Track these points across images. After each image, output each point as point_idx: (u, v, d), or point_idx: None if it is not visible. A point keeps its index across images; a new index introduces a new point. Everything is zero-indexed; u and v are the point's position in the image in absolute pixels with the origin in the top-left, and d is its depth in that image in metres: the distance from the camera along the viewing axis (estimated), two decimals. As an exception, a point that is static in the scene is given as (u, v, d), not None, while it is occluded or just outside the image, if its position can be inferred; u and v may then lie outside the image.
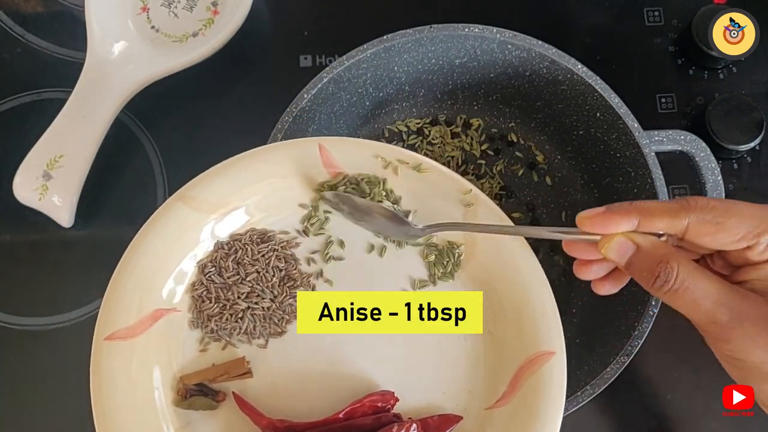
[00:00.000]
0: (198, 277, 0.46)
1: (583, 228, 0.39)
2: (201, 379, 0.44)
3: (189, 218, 0.45)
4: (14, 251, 0.60)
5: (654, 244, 0.37)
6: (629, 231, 0.38)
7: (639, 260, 0.37)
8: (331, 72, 0.53)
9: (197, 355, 0.45)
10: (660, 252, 0.37)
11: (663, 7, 0.67)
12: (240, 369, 0.44)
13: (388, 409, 0.43)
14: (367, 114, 0.60)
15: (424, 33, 0.53)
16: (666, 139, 0.53)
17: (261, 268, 0.46)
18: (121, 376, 0.43)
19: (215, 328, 0.45)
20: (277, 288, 0.46)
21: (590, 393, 0.49)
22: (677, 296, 0.36)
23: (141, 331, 0.44)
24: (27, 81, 0.63)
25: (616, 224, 0.38)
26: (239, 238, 0.46)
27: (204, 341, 0.45)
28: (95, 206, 0.60)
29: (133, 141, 0.62)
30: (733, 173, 0.62)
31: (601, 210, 0.38)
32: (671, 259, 0.36)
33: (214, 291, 0.45)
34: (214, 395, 0.44)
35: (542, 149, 0.62)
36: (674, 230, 0.37)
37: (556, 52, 0.54)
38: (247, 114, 0.63)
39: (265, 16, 0.66)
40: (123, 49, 0.60)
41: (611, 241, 0.38)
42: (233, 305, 0.45)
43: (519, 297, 0.44)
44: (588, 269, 0.41)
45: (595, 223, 0.38)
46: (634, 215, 0.37)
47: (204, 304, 0.45)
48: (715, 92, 0.64)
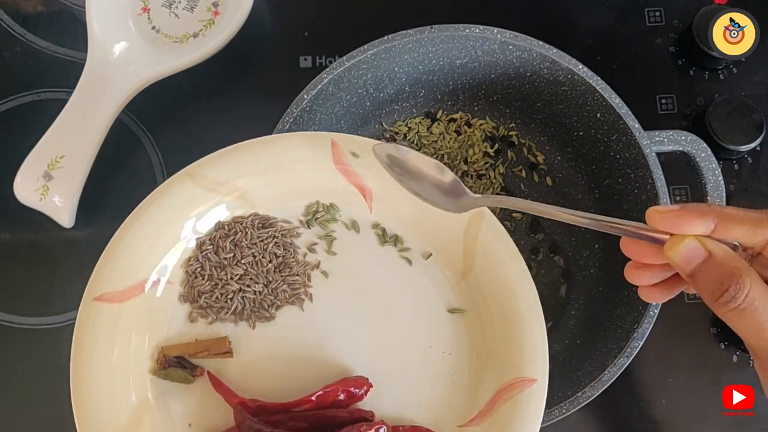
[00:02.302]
0: (195, 253, 0.46)
1: (653, 224, 0.35)
2: (182, 353, 0.44)
3: (194, 194, 0.45)
4: (15, 251, 0.60)
5: (728, 254, 0.34)
6: (702, 235, 0.34)
7: (708, 270, 0.34)
8: (332, 73, 0.53)
9: (182, 329, 0.46)
10: (732, 264, 0.33)
11: (664, 8, 0.66)
12: (221, 348, 0.44)
13: (361, 395, 0.43)
14: (367, 114, 0.60)
15: (425, 33, 0.53)
16: (667, 139, 0.53)
17: (258, 252, 0.46)
18: (104, 338, 0.43)
19: (204, 305, 0.45)
20: (272, 274, 0.46)
21: (589, 395, 0.49)
22: (743, 316, 0.33)
23: (130, 297, 0.44)
24: (27, 81, 0.63)
25: (691, 224, 0.34)
26: (241, 221, 0.47)
27: (191, 316, 0.46)
28: (96, 207, 0.60)
29: (133, 141, 0.62)
30: (733, 174, 0.62)
31: (675, 207, 0.35)
32: (744, 275, 0.32)
33: (209, 269, 0.46)
34: (192, 369, 0.44)
35: (543, 150, 0.62)
36: (752, 242, 0.34)
37: (557, 52, 0.54)
38: (247, 114, 0.63)
39: (266, 17, 0.66)
40: (123, 49, 0.60)
41: (680, 243, 0.34)
42: (225, 285, 0.46)
43: (511, 321, 0.44)
44: (642, 273, 0.38)
45: (667, 219, 0.35)
46: (712, 218, 0.34)
47: (197, 280, 0.46)
48: (716, 93, 0.64)
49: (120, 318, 0.44)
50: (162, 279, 0.45)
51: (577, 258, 0.59)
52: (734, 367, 0.58)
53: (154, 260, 0.45)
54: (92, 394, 0.42)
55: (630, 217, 0.54)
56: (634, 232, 0.36)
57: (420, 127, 0.62)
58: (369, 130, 0.61)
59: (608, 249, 0.58)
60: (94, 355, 0.43)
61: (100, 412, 0.42)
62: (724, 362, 0.58)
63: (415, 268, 0.47)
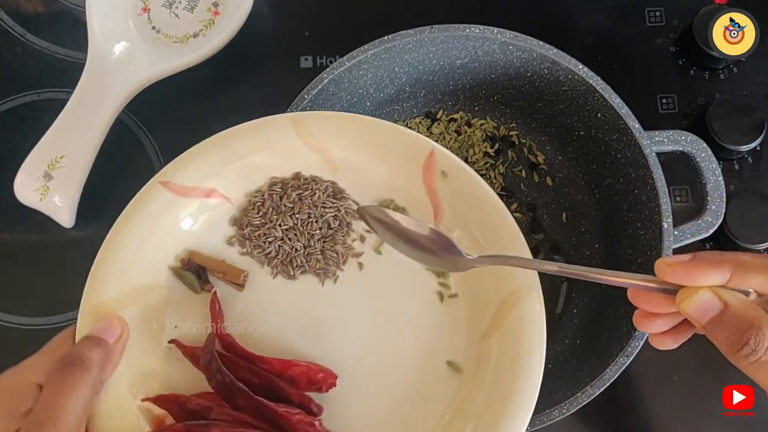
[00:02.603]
0: (264, 186, 0.47)
1: (664, 277, 0.34)
2: (204, 264, 0.45)
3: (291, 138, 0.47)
4: (15, 251, 0.60)
5: (745, 304, 0.32)
6: (717, 285, 0.33)
7: (725, 322, 0.32)
8: (332, 73, 0.53)
9: (216, 246, 0.47)
10: (750, 315, 0.32)
11: (664, 8, 0.66)
12: (237, 277, 0.45)
13: (320, 387, 0.42)
14: (368, 115, 0.60)
15: (425, 34, 0.53)
16: (667, 139, 0.53)
17: (314, 215, 0.47)
18: (149, 219, 0.45)
19: (246, 235, 0.47)
20: (315, 240, 0.47)
21: (590, 393, 0.49)
22: (764, 369, 0.32)
23: (192, 195, 0.46)
24: (28, 81, 0.63)
25: (705, 276, 0.33)
26: (317, 181, 0.48)
27: (230, 240, 0.47)
28: (96, 206, 0.60)
29: (133, 141, 0.62)
30: (734, 174, 0.62)
31: (686, 258, 0.33)
32: (764, 325, 0.31)
33: (267, 207, 0.47)
34: (204, 282, 0.45)
35: (543, 150, 0.62)
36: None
37: (557, 52, 0.54)
38: (247, 115, 0.62)
39: (266, 17, 0.66)
40: (124, 49, 0.60)
41: (694, 295, 0.33)
42: (272, 228, 0.47)
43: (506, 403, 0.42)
44: (652, 322, 0.36)
45: (678, 272, 0.33)
46: (727, 267, 0.32)
47: (252, 211, 0.47)
48: (716, 93, 0.64)
49: (173, 208, 0.45)
50: (225, 194, 0.47)
51: (578, 258, 0.59)
52: (734, 367, 0.57)
53: (223, 177, 0.47)
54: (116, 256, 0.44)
55: (629, 217, 0.55)
56: (643, 285, 0.35)
57: (420, 128, 0.62)
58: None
59: (609, 249, 0.58)
60: (136, 224, 0.44)
61: (113, 270, 0.43)
62: (724, 362, 0.57)
63: (443, 306, 0.46)
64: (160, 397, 0.42)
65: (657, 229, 0.51)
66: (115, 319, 0.42)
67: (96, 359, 0.39)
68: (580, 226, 0.60)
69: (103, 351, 0.40)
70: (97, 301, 0.43)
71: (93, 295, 0.43)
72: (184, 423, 0.41)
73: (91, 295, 0.43)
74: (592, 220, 0.60)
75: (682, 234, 0.52)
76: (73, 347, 0.40)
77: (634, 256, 0.54)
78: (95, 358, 0.39)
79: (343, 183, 0.48)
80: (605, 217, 0.59)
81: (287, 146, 0.46)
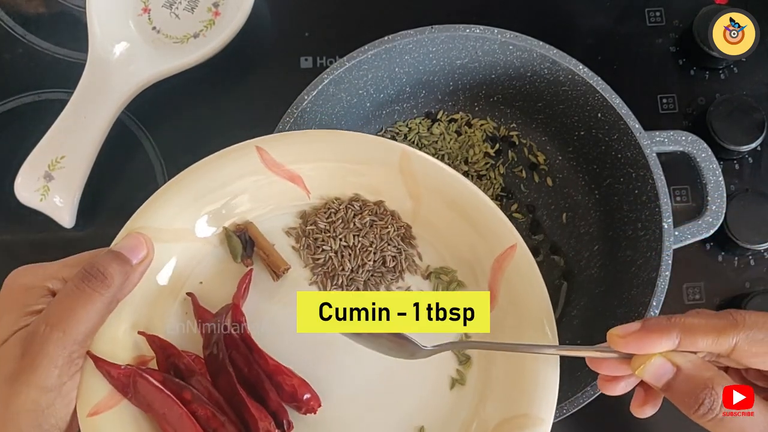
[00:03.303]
0: (345, 198, 0.47)
1: (616, 347, 0.35)
2: (255, 238, 0.45)
3: None
4: (16, 252, 0.60)
5: (696, 366, 0.34)
6: (667, 351, 0.35)
7: (679, 384, 0.34)
8: (332, 73, 0.53)
9: (273, 230, 0.47)
10: (704, 375, 0.33)
11: (664, 8, 0.66)
12: (278, 267, 0.45)
13: (300, 406, 0.42)
14: (368, 115, 0.60)
15: (425, 34, 0.53)
16: (667, 139, 0.53)
17: (377, 246, 0.47)
18: (232, 172, 0.44)
19: (306, 233, 0.46)
20: (364, 270, 0.46)
21: (590, 394, 0.49)
22: (722, 426, 0.33)
23: (276, 172, 0.45)
24: (28, 82, 0.63)
25: (654, 344, 0.34)
26: (396, 218, 0.47)
27: (289, 231, 0.47)
28: (96, 207, 0.60)
29: (134, 142, 0.62)
30: (734, 174, 0.62)
31: (635, 327, 0.35)
32: (716, 384, 0.33)
33: (338, 217, 0.47)
34: (248, 255, 0.45)
35: (543, 150, 0.62)
36: (719, 350, 0.34)
37: (558, 52, 0.54)
38: (247, 115, 0.63)
39: (266, 18, 0.66)
40: (124, 49, 0.60)
41: (647, 363, 0.34)
42: (331, 237, 0.46)
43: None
44: (615, 385, 0.38)
45: (630, 343, 0.35)
46: (675, 333, 0.34)
47: (323, 213, 0.47)
48: (717, 93, 0.64)
49: (254, 175, 0.45)
50: (304, 182, 0.46)
51: (578, 259, 0.59)
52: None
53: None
54: (183, 190, 0.43)
55: (630, 218, 0.55)
56: (599, 357, 0.37)
57: (420, 128, 0.62)
58: (369, 130, 0.61)
59: (608, 250, 0.58)
60: (217, 169, 0.44)
61: (172, 202, 0.43)
62: (724, 362, 0.58)
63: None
64: (156, 338, 0.42)
65: (657, 230, 0.51)
66: (143, 239, 0.41)
67: (117, 276, 0.38)
68: (580, 227, 0.60)
69: (124, 270, 0.39)
70: (142, 224, 0.42)
71: (141, 218, 0.42)
72: (163, 373, 0.40)
73: (140, 216, 0.42)
74: (592, 220, 0.60)
75: (683, 234, 0.52)
76: (96, 259, 0.39)
77: (634, 257, 0.54)
78: (116, 275, 0.38)
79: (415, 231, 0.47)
80: (605, 217, 0.59)
81: (387, 174, 0.46)
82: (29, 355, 0.36)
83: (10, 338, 0.37)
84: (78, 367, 0.38)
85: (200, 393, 0.40)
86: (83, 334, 0.37)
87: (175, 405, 0.38)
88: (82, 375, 0.39)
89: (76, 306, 0.37)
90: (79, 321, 0.37)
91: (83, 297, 0.37)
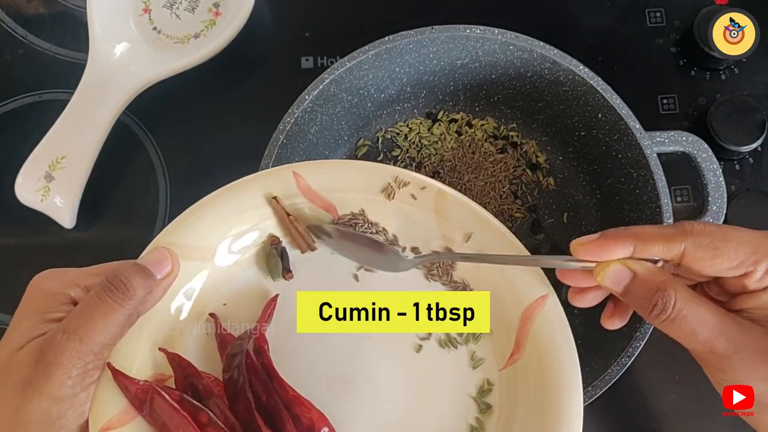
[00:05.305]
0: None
1: (577, 255, 0.38)
2: (293, 212, 0.44)
3: None
4: (16, 252, 0.60)
5: (651, 271, 0.36)
6: (625, 258, 0.37)
7: (636, 288, 0.36)
8: (333, 73, 0.53)
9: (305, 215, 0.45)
10: (657, 279, 0.36)
11: (665, 8, 0.66)
12: (303, 245, 0.44)
13: None
14: (368, 115, 0.60)
15: (426, 34, 0.53)
16: (668, 140, 0.53)
17: None
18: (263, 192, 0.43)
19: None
20: None
21: (591, 394, 0.49)
22: (675, 325, 0.35)
23: (313, 202, 0.44)
24: (29, 82, 0.64)
25: (611, 251, 0.37)
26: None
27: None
28: (97, 207, 0.60)
29: (134, 142, 0.62)
30: (735, 174, 0.62)
31: (595, 237, 0.38)
32: (668, 287, 0.35)
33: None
34: (285, 272, 0.43)
35: (544, 150, 0.62)
36: (670, 255, 0.36)
37: (558, 53, 0.54)
38: (249, 115, 0.63)
39: (267, 18, 0.66)
40: (125, 50, 0.60)
41: (607, 269, 0.37)
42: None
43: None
44: (583, 297, 0.41)
45: (589, 251, 0.37)
46: (629, 241, 0.37)
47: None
48: (717, 93, 0.64)
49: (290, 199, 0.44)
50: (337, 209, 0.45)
51: (579, 258, 0.59)
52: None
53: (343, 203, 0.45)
54: (217, 208, 0.42)
55: (630, 218, 0.55)
56: (564, 264, 0.39)
57: (421, 128, 0.62)
58: (370, 130, 0.61)
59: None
60: (252, 190, 0.43)
61: (205, 220, 0.42)
62: (725, 363, 0.58)
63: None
64: (177, 356, 0.41)
65: (658, 230, 0.51)
66: (169, 254, 0.40)
67: (139, 289, 0.38)
68: (581, 226, 0.60)
69: (147, 284, 0.38)
70: (171, 240, 0.41)
71: (171, 233, 0.41)
72: (180, 393, 0.40)
73: (170, 232, 0.41)
74: (593, 220, 0.60)
75: (683, 234, 0.52)
76: (120, 271, 0.38)
77: (635, 256, 0.54)
78: (139, 289, 0.38)
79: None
80: (606, 217, 0.59)
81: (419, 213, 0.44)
82: (43, 362, 0.35)
83: (26, 345, 0.36)
84: (93, 379, 0.37)
85: (216, 417, 0.39)
86: (100, 345, 0.36)
87: (190, 427, 0.38)
88: (97, 388, 0.38)
89: (96, 316, 0.36)
90: (97, 331, 0.36)
91: (103, 307, 0.36)
